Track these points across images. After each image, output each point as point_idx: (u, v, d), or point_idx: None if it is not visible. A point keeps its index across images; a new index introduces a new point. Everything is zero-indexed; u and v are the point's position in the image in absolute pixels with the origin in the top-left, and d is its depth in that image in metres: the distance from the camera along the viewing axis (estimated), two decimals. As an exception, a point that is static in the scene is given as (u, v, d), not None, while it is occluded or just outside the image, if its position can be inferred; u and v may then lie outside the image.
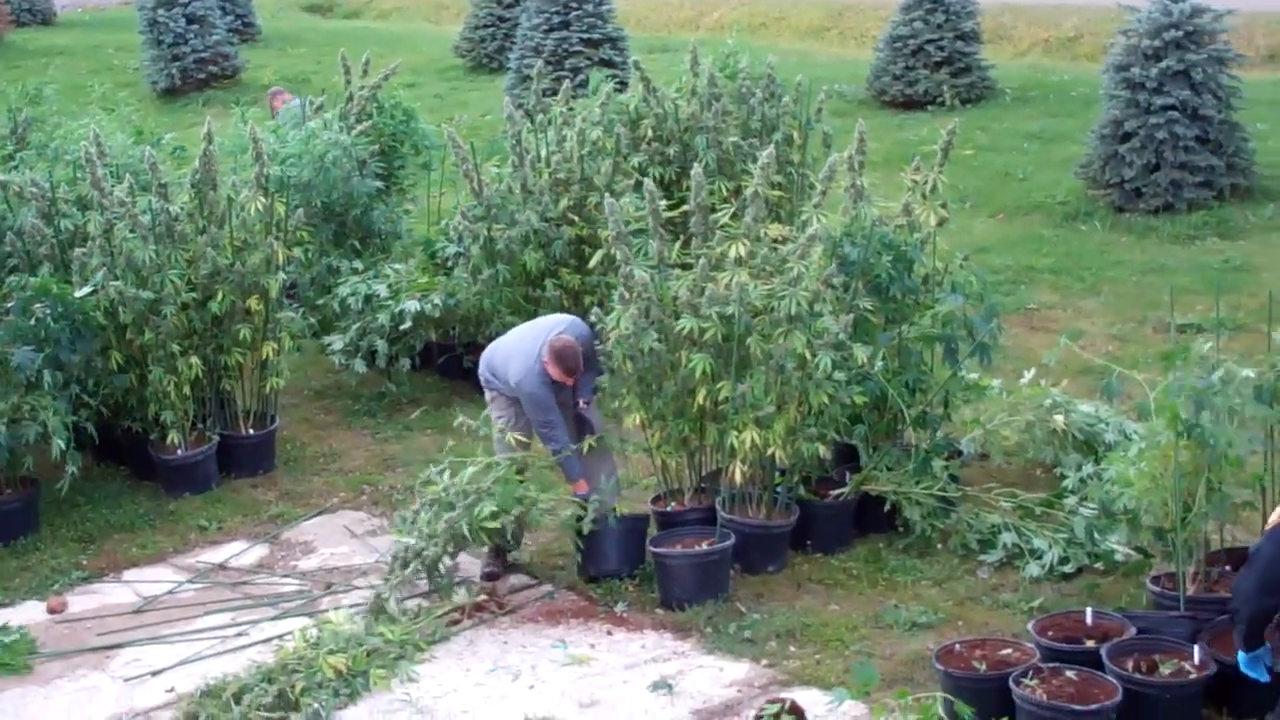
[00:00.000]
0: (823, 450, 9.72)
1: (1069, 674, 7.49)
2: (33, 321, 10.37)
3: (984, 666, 7.68)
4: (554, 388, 9.58)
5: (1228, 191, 16.25)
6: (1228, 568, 8.45)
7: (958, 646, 7.93)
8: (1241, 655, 6.95)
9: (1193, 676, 7.44)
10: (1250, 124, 17.11)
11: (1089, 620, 8.07)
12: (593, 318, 9.95)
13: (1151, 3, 16.52)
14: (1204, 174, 16.12)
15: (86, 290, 10.78)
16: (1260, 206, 16.04)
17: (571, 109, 13.47)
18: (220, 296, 11.25)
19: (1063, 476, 9.82)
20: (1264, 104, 18.91)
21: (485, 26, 26.83)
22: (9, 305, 10.60)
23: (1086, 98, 19.30)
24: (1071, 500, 9.54)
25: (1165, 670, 7.50)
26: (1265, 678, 6.93)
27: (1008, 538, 9.49)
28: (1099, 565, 9.20)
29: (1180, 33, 16.15)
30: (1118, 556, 9.16)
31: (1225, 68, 16.50)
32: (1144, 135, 16.10)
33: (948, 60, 21.41)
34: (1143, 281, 14.30)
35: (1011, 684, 7.40)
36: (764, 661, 8.55)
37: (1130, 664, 7.54)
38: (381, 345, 12.33)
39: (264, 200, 11.68)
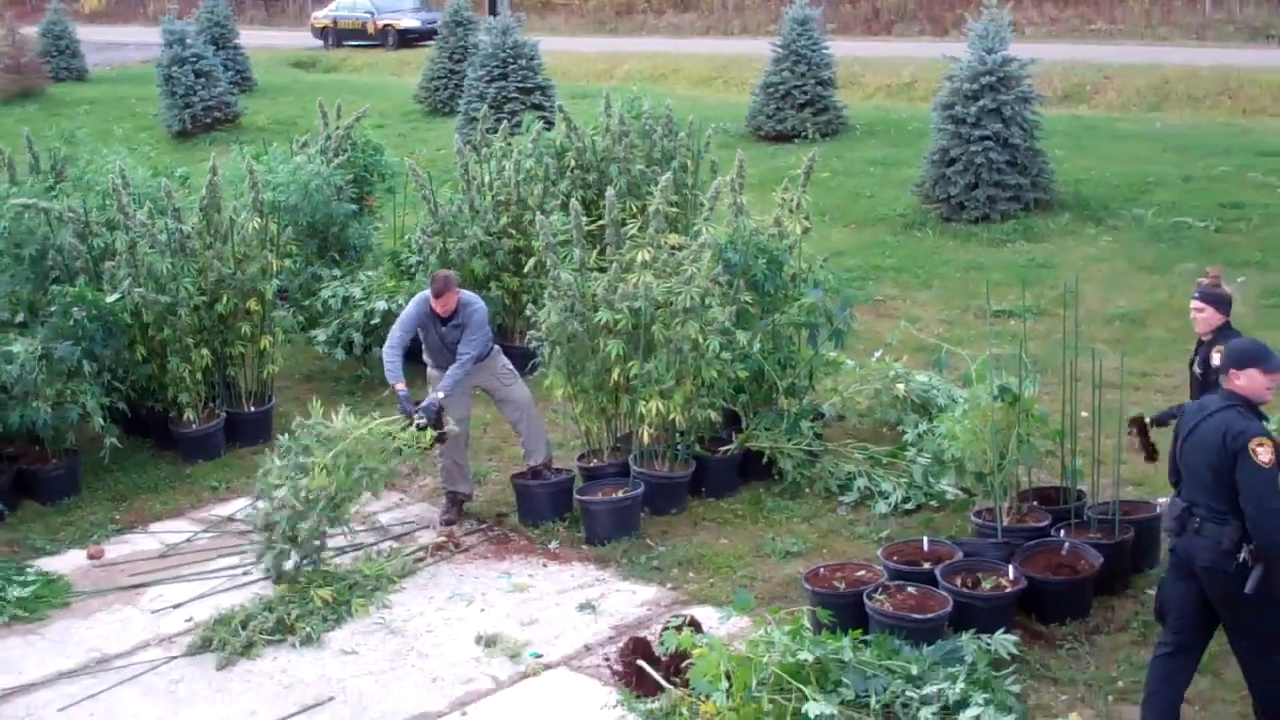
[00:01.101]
0: (713, 415, 9.72)
1: (910, 590, 7.54)
2: (71, 322, 10.32)
3: (843, 585, 7.71)
4: (430, 321, 9.55)
5: (1032, 204, 16.37)
6: (1035, 503, 8.55)
7: (822, 570, 7.96)
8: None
9: (1008, 590, 7.51)
10: (1050, 150, 17.24)
11: (926, 547, 8.12)
12: (528, 312, 9.94)
13: (970, 53, 16.62)
14: (1013, 191, 16.23)
15: (115, 296, 10.68)
16: (1058, 216, 16.16)
17: (509, 144, 13.43)
18: (225, 299, 11.14)
19: (904, 433, 9.89)
20: (1060, 134, 19.08)
21: (439, 78, 26.71)
22: (52, 309, 10.54)
23: (920, 131, 19.38)
24: (911, 452, 9.61)
25: (986, 585, 7.57)
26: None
27: (861, 482, 9.54)
28: (934, 503, 9.25)
29: (994, 77, 16.25)
30: (948, 495, 9.23)
31: (1029, 105, 16.61)
32: (966, 160, 16.20)
33: (810, 102, 21.45)
34: (966, 277, 14.38)
35: (865, 599, 7.44)
36: (669, 585, 8.56)
37: (959, 581, 7.60)
38: (358, 337, 12.23)
39: (259, 220, 11.59)
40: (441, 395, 9.38)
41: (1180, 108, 22.10)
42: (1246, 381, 6.21)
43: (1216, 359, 7.16)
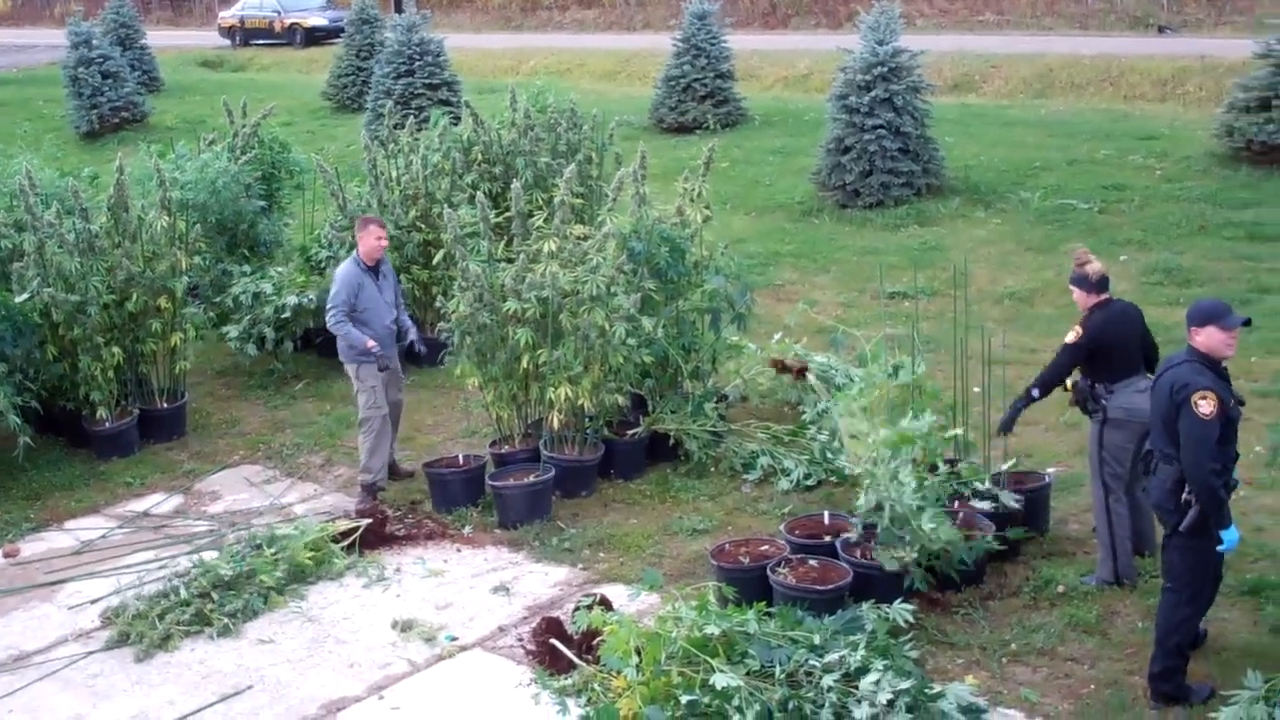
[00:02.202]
0: (621, 400, 9.75)
1: (812, 563, 7.62)
2: (-20, 323, 10.09)
3: (747, 560, 7.79)
4: (366, 277, 9.53)
5: (924, 190, 16.56)
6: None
7: (727, 546, 8.03)
8: (1221, 532, 6.47)
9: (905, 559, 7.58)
10: (940, 138, 17.44)
11: (827, 521, 8.22)
12: (438, 304, 9.92)
13: (863, 45, 16.76)
14: (906, 177, 16.41)
15: (24, 296, 10.51)
16: (948, 200, 16.37)
17: (416, 139, 13.37)
18: (135, 298, 11.00)
19: (804, 412, 9.99)
20: (950, 122, 19.31)
21: (347, 75, 26.48)
22: (-40, 312, 10.29)
23: (816, 121, 19.50)
24: (812, 430, 9.70)
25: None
26: (1233, 542, 6.51)
27: (764, 460, 9.62)
28: (833, 479, 9.34)
29: (885, 68, 16.41)
30: (847, 471, 9.31)
31: (920, 95, 16.79)
32: (860, 149, 16.35)
33: (710, 95, 21.53)
34: (861, 261, 14.51)
35: (769, 572, 7.52)
36: (580, 565, 8.58)
37: (858, 553, 7.69)
38: (269, 332, 12.11)
39: (168, 219, 11.43)
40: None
41: (1064, 95, 22.45)
42: (1205, 338, 6.51)
43: (1070, 337, 7.66)
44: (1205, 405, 6.33)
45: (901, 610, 7.00)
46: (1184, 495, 6.45)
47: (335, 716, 7.15)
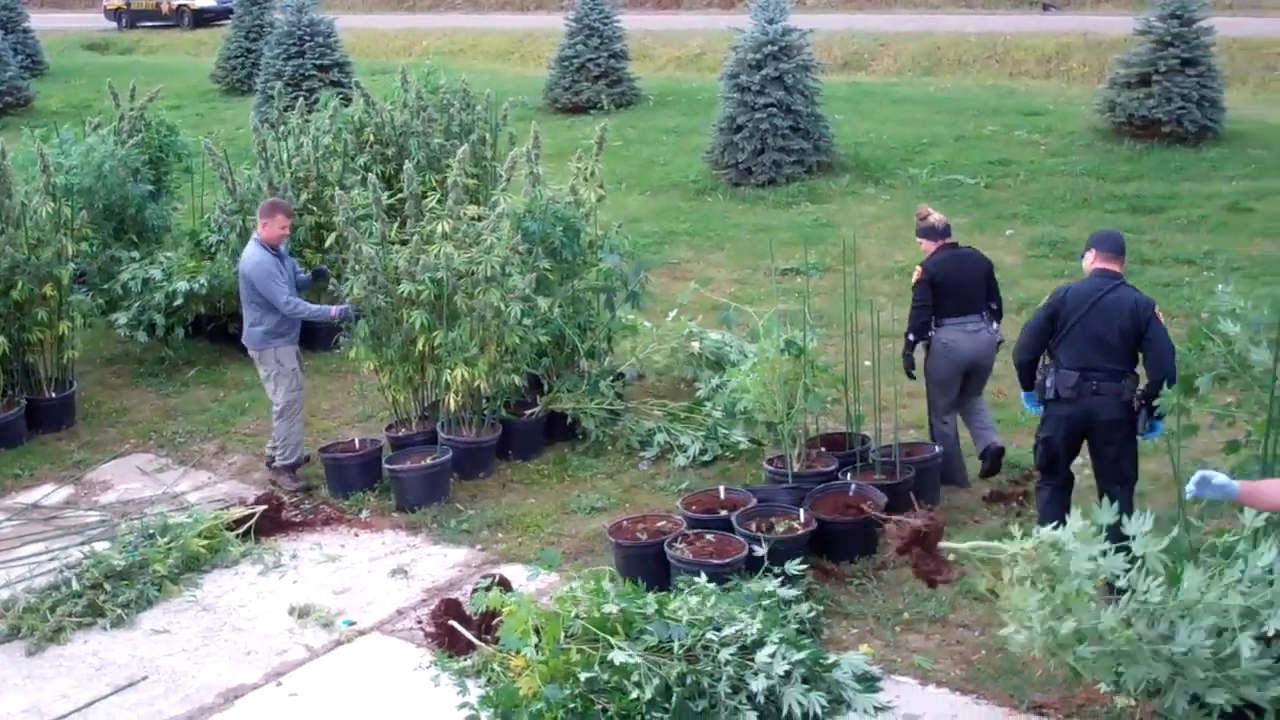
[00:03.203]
0: (518, 380, 9.70)
1: (709, 537, 7.64)
2: None
3: (645, 536, 7.78)
4: (275, 258, 9.41)
5: (815, 168, 16.68)
6: (823, 449, 8.75)
7: (625, 523, 8.01)
8: (1023, 394, 7.59)
9: (800, 532, 7.65)
10: (831, 116, 17.58)
11: (722, 495, 8.23)
12: (331, 287, 9.78)
13: (753, 24, 16.83)
14: (797, 155, 16.52)
15: (-96, 286, 10.18)
16: (839, 178, 16.50)
17: (307, 121, 13.17)
18: (20, 286, 10.67)
19: (699, 388, 10.02)
20: (840, 100, 19.47)
21: (236, 57, 26.07)
22: None
23: (709, 100, 19.55)
24: (707, 406, 9.73)
25: (780, 528, 7.70)
26: (1036, 409, 7.47)
27: (661, 437, 9.63)
28: (729, 453, 9.39)
29: (775, 47, 16.50)
30: (742, 445, 9.37)
31: (810, 73, 16.91)
32: (752, 127, 16.43)
33: (604, 74, 21.51)
34: (755, 238, 14.55)
35: (666, 548, 7.52)
36: (479, 547, 8.53)
37: (754, 526, 7.72)
38: (159, 319, 11.86)
39: (52, 204, 11.13)
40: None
41: (951, 72, 22.73)
42: (1089, 261, 7.33)
43: (915, 276, 8.57)
44: (1161, 315, 7.21)
45: (795, 568, 7.08)
46: (1138, 401, 7.11)
47: (233, 705, 7.03)
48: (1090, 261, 7.34)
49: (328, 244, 11.38)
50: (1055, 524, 6.29)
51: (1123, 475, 7.25)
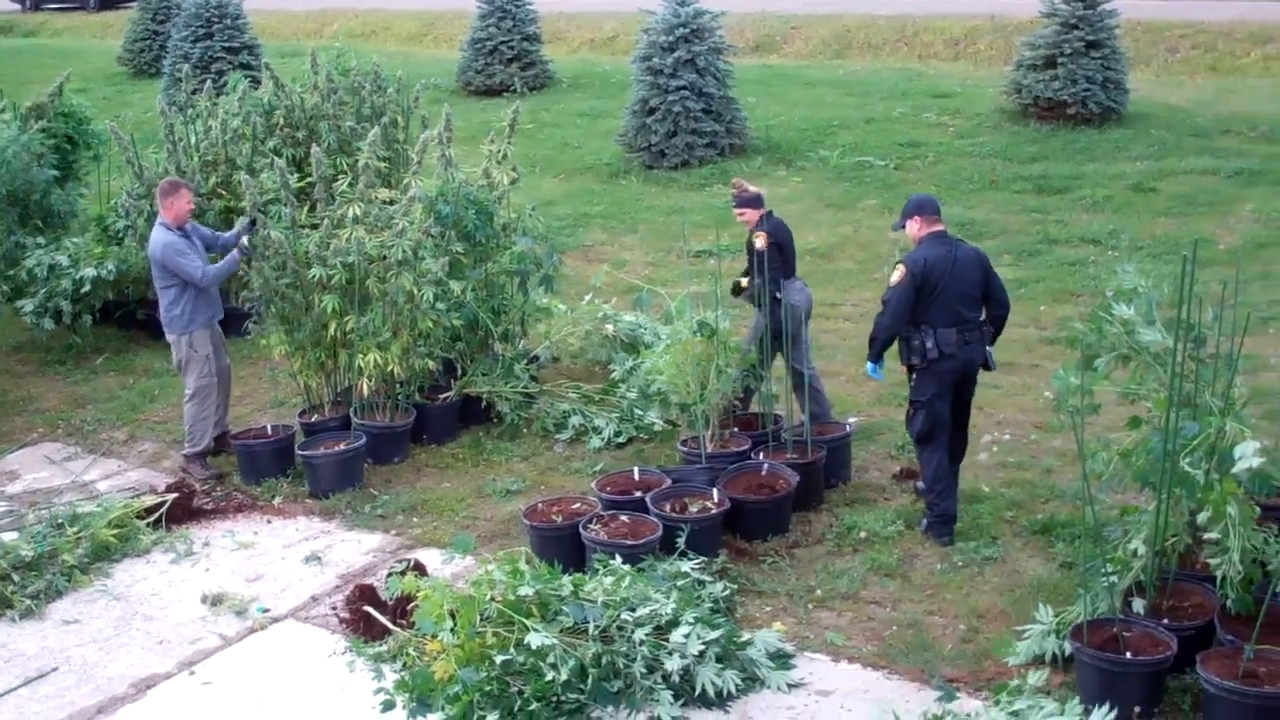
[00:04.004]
0: (431, 364, 9.65)
1: (623, 518, 7.66)
2: None
3: (560, 518, 7.77)
4: (182, 238, 9.33)
5: (728, 150, 16.72)
6: (736, 429, 8.79)
7: (540, 505, 8.00)
8: (870, 364, 7.91)
9: (713, 511, 7.69)
10: (743, 98, 17.61)
11: (637, 476, 8.26)
12: (243, 274, 9.67)
13: (665, 7, 16.82)
14: (710, 138, 16.55)
15: None
16: (752, 159, 16.56)
17: (215, 104, 12.97)
18: (-79, 273, 10.46)
19: (614, 370, 10.02)
20: (752, 83, 19.50)
21: (143, 39, 25.55)
22: None
23: (623, 83, 19.50)
24: (622, 388, 9.74)
25: (694, 509, 7.74)
26: (881, 377, 8.11)
27: (576, 420, 9.63)
28: (644, 435, 9.42)
29: (687, 29, 16.51)
30: (656, 427, 9.40)
31: (722, 56, 16.93)
32: (664, 110, 16.43)
33: (517, 57, 21.36)
34: (668, 220, 14.58)
35: (581, 529, 7.53)
36: (393, 532, 8.48)
37: (668, 506, 7.75)
38: (66, 306, 11.64)
39: (-47, 191, 10.91)
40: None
41: (862, 55, 22.85)
42: (918, 227, 7.74)
43: (759, 243, 8.68)
44: None
45: (711, 564, 7.11)
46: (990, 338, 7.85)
47: (145, 695, 6.94)
48: (919, 228, 7.73)
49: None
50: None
51: (966, 405, 8.00)
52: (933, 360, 7.59)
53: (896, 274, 7.59)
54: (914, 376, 7.78)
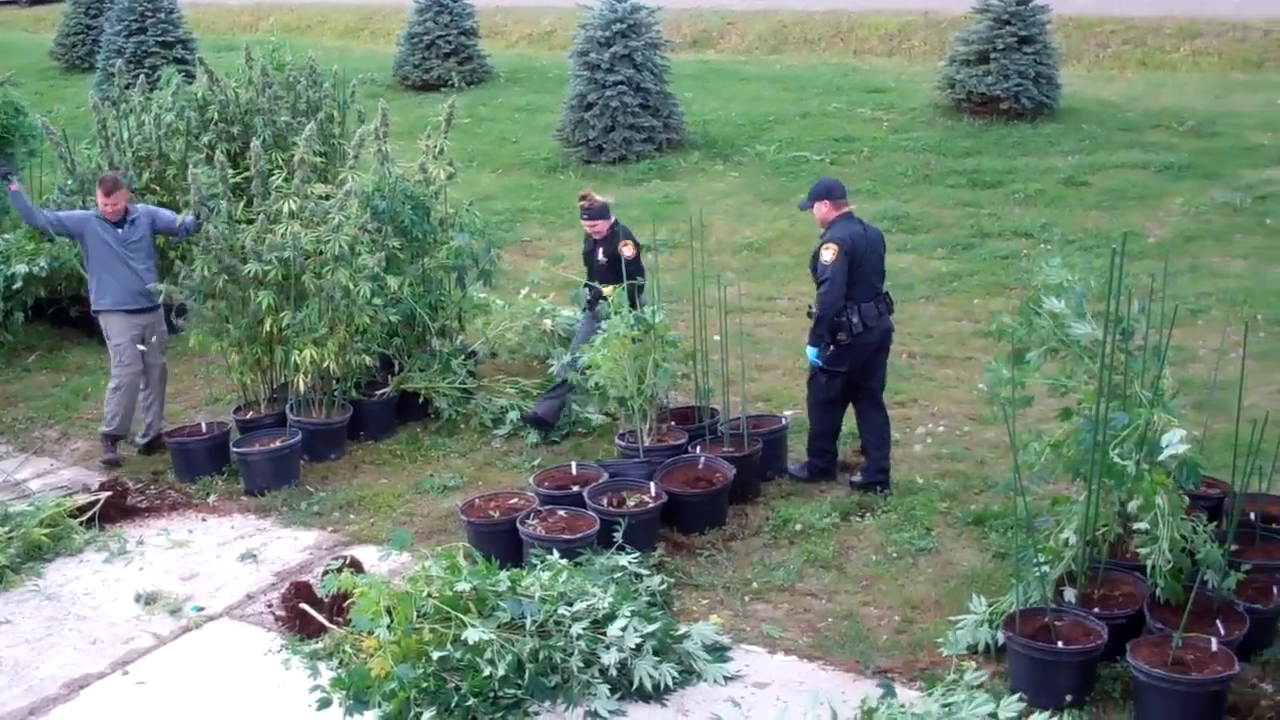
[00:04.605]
0: (368, 360, 9.59)
1: (561, 513, 7.63)
2: None
3: (498, 514, 7.74)
4: (100, 226, 9.41)
5: (665, 145, 16.73)
6: (673, 423, 8.80)
7: (477, 501, 7.96)
8: (812, 349, 8.20)
9: (650, 505, 7.68)
10: (680, 93, 17.63)
11: (574, 471, 8.24)
12: (176, 268, 9.56)
13: (602, 2, 16.80)
14: (647, 132, 16.56)
15: None
16: (689, 155, 16.58)
17: (149, 99, 12.80)
18: None
19: (552, 365, 9.95)
20: (689, 78, 19.53)
21: (75, 33, 25.23)
22: None
23: (560, 78, 19.46)
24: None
25: (631, 502, 7.73)
26: (819, 363, 8.19)
27: (514, 415, 9.59)
28: (581, 429, 9.41)
29: (624, 25, 16.50)
30: (594, 422, 9.39)
31: (659, 51, 16.94)
32: (602, 105, 16.41)
33: (454, 51, 21.27)
34: (607, 215, 14.52)
35: (519, 525, 7.50)
36: (330, 529, 8.41)
37: (605, 500, 7.74)
38: (-2, 302, 11.51)
39: (-120, 187, 10.69)
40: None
41: (798, 50, 22.93)
42: (827, 210, 8.15)
43: (628, 252, 9.02)
44: None
45: (648, 556, 7.11)
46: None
47: (78, 695, 6.84)
48: (828, 210, 8.15)
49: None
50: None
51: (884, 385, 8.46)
52: (858, 334, 8.02)
53: (829, 253, 7.94)
54: (831, 350, 8.09)
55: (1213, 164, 14.94)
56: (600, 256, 9.37)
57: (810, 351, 8.21)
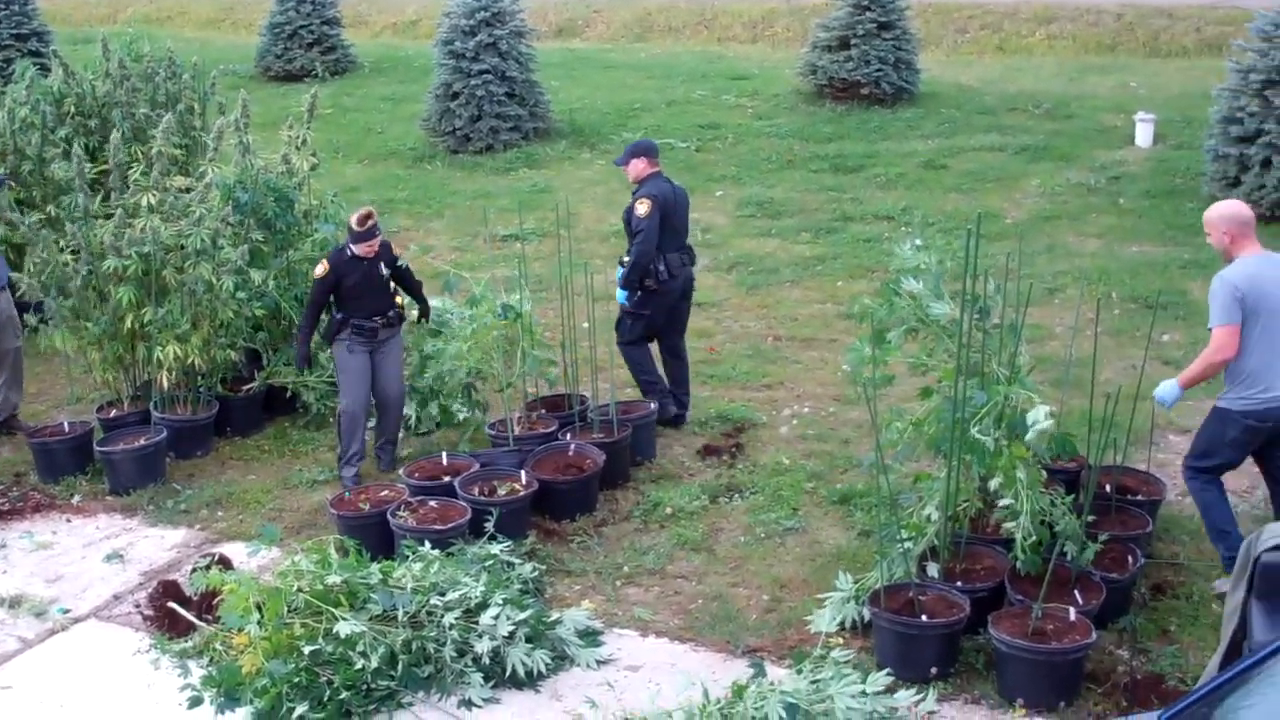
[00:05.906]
0: (234, 355, 9.44)
1: (432, 503, 7.61)
2: None
3: (368, 507, 7.69)
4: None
5: (532, 133, 16.72)
6: (543, 410, 8.81)
7: (347, 494, 7.92)
8: (622, 292, 8.78)
9: (521, 493, 7.68)
10: (546, 82, 17.61)
11: (445, 462, 8.20)
12: (33, 265, 9.32)
13: (464, -12, 16.73)
14: (514, 121, 16.52)
15: None
16: (556, 143, 16.58)
17: (2, 93, 12.43)
18: None
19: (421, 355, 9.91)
20: (555, 66, 19.52)
21: (-77, 26, 24.34)
22: None
23: (426, 67, 19.27)
24: (429, 375, 9.62)
25: (502, 491, 7.72)
26: (628, 304, 8.81)
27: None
28: (451, 421, 9.36)
29: (488, 13, 16.43)
30: (463, 415, 9.32)
31: (524, 40, 16.90)
32: (468, 94, 16.34)
33: (318, 41, 21.01)
34: (474, 205, 14.47)
35: (389, 517, 7.47)
36: (198, 526, 8.28)
37: (476, 490, 7.73)
38: None
39: None
40: None
41: (663, 38, 23.04)
42: (642, 167, 8.83)
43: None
44: None
45: (519, 545, 7.13)
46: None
47: (-61, 704, 6.68)
48: (644, 168, 8.82)
49: (30, 221, 10.76)
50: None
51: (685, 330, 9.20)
52: (664, 281, 8.70)
53: (644, 207, 8.61)
54: (639, 295, 8.73)
55: (1068, 146, 15.35)
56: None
57: (620, 294, 8.80)
